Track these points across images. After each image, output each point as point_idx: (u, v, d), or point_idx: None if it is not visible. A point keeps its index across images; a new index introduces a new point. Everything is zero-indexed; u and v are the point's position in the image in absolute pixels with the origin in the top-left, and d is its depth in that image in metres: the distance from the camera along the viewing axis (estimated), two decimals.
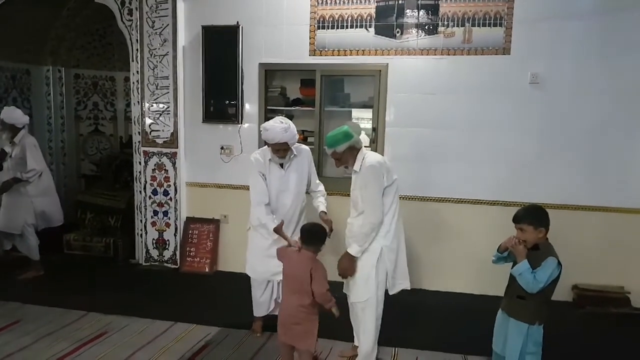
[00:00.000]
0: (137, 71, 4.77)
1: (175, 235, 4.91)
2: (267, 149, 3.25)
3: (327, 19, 4.39)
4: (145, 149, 4.85)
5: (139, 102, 4.81)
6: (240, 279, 4.51)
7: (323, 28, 4.41)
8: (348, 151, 2.90)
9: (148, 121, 4.80)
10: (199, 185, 4.90)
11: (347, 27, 4.37)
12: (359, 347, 3.04)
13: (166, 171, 4.84)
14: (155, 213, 4.92)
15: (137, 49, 4.74)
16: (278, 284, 3.37)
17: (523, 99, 4.15)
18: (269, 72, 4.65)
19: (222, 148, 4.76)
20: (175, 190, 4.84)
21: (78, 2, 5.78)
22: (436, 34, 4.24)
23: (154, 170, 4.86)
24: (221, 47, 4.54)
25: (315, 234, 2.73)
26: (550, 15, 4.04)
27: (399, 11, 4.26)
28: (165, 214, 4.90)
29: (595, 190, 4.14)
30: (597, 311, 3.98)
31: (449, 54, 4.23)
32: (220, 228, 4.90)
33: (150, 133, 4.82)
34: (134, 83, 4.83)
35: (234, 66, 4.53)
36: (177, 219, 4.88)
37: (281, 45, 4.52)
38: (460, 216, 4.38)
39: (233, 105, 4.60)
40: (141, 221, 4.97)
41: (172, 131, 4.76)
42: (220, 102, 4.64)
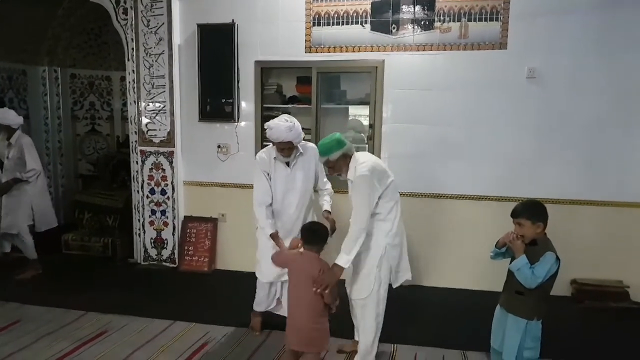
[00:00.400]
0: (133, 70, 4.76)
1: (174, 235, 4.90)
2: (273, 147, 3.20)
3: (322, 15, 4.38)
4: (142, 148, 4.84)
5: (135, 101, 4.79)
6: (239, 278, 4.57)
7: (319, 25, 4.40)
8: (342, 159, 2.87)
9: (144, 120, 4.79)
10: (196, 184, 4.90)
11: (342, 24, 4.35)
12: (359, 343, 3.03)
13: (163, 170, 4.83)
14: (153, 212, 4.91)
15: (133, 48, 4.73)
16: (281, 283, 3.36)
17: (520, 94, 4.15)
18: (265, 70, 4.64)
19: (219, 147, 4.75)
20: (173, 189, 4.83)
21: (73, 2, 5.78)
22: (432, 29, 4.22)
23: (151, 169, 4.85)
24: (217, 45, 4.53)
25: (316, 233, 2.67)
26: (547, 10, 4.03)
27: (394, 7, 4.24)
28: (163, 213, 4.89)
29: (593, 184, 4.14)
30: (595, 305, 3.99)
31: (445, 50, 4.22)
32: (218, 227, 4.89)
33: (147, 132, 4.80)
34: (129, 82, 4.82)
35: (229, 64, 4.51)
36: (174, 218, 4.87)
37: (277, 42, 4.51)
38: (458, 212, 4.37)
39: (229, 104, 4.59)
40: (139, 220, 4.96)
41: (168, 130, 4.75)
42: (216, 101, 4.63)
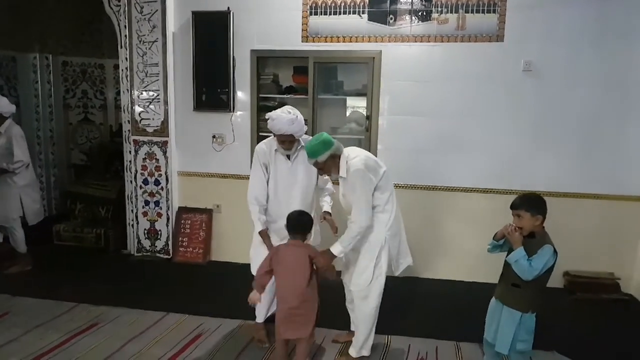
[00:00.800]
0: (126, 58, 4.67)
1: (167, 226, 4.86)
2: (274, 139, 3.09)
3: (319, 4, 4.32)
4: (136, 137, 4.78)
5: (128, 90, 4.71)
6: (233, 269, 4.54)
7: (316, 14, 4.35)
8: (330, 160, 2.82)
9: (138, 109, 4.72)
10: (190, 175, 4.85)
11: (340, 13, 4.30)
12: (355, 334, 3.04)
13: (157, 160, 4.77)
14: (147, 203, 4.86)
15: (126, 36, 4.64)
16: None
17: (517, 86, 4.13)
18: (261, 59, 4.58)
19: (213, 137, 4.70)
20: (167, 179, 4.78)
21: None
22: (430, 20, 4.19)
23: (144, 159, 4.79)
24: (212, 33, 4.46)
25: (300, 222, 2.74)
26: (544, 2, 4.01)
27: None
28: (157, 203, 4.84)
29: (587, 177, 4.15)
30: (587, 297, 4.02)
31: (442, 41, 4.19)
32: (213, 218, 4.86)
33: (140, 122, 4.74)
34: (122, 70, 4.73)
35: (225, 53, 4.45)
36: (168, 208, 4.83)
37: (273, 31, 4.45)
38: (454, 204, 4.37)
39: (224, 93, 4.53)
40: (132, 211, 4.91)
41: (162, 120, 4.69)
42: (211, 90, 4.57)
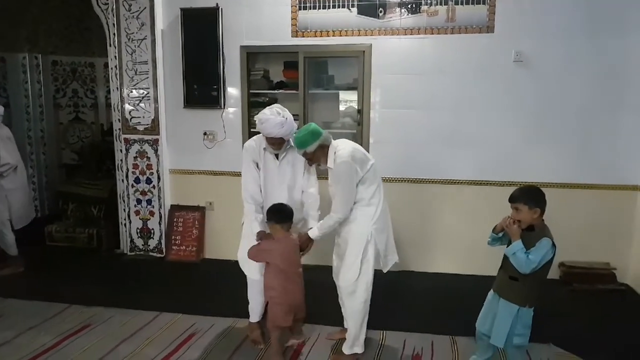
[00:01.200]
0: (115, 56, 4.63)
1: (160, 224, 4.82)
2: (263, 137, 3.01)
3: None
4: (126, 136, 4.73)
5: (117, 88, 4.67)
6: (227, 266, 4.49)
7: (305, 9, 4.31)
8: (319, 150, 2.82)
9: (128, 107, 4.68)
10: (182, 172, 4.81)
11: (329, 7, 4.26)
12: (347, 330, 3.03)
13: (148, 158, 4.73)
14: (139, 201, 4.82)
15: (114, 34, 4.59)
16: None
17: (507, 78, 4.10)
18: (251, 55, 4.54)
19: (205, 134, 4.66)
20: (158, 177, 4.75)
21: None
22: (419, 13, 4.15)
23: (135, 157, 4.75)
24: (201, 30, 4.41)
25: (283, 213, 2.83)
26: None
27: None
28: (149, 202, 4.81)
29: (582, 168, 4.14)
30: (583, 288, 4.01)
31: (432, 34, 4.15)
32: (206, 215, 4.82)
33: (131, 120, 4.69)
34: (112, 69, 4.68)
35: (214, 49, 4.40)
36: (161, 207, 4.79)
37: (263, 27, 4.40)
38: (448, 197, 4.35)
39: (215, 90, 4.49)
40: (124, 210, 4.87)
41: (152, 117, 4.65)
42: (201, 87, 4.53)
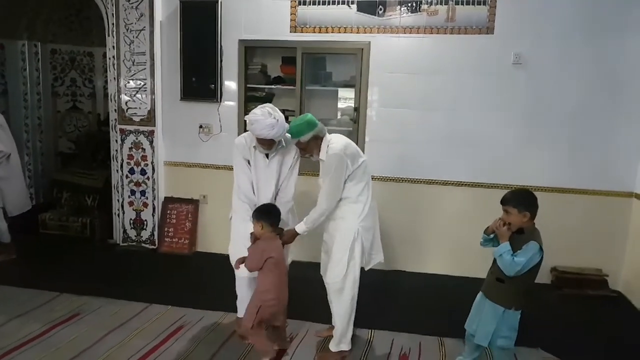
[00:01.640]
0: (113, 46, 4.61)
1: (153, 216, 4.82)
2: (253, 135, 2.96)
3: None
4: (122, 126, 4.72)
5: (115, 78, 4.66)
6: (219, 260, 4.48)
7: (304, 4, 4.29)
8: (313, 140, 2.83)
9: (124, 98, 4.66)
10: (177, 165, 4.80)
11: (328, 4, 4.25)
12: (334, 327, 3.03)
13: (143, 150, 4.72)
14: (133, 192, 4.82)
15: (113, 24, 4.57)
16: None
17: (506, 79, 4.09)
18: (249, 49, 4.53)
19: (200, 127, 4.65)
20: (153, 169, 4.74)
21: None
22: (419, 11, 4.14)
23: (130, 148, 4.74)
24: (200, 22, 4.39)
25: (271, 213, 2.79)
26: None
27: None
28: (143, 193, 4.80)
29: (576, 173, 4.13)
30: (575, 293, 4.01)
31: (432, 33, 4.14)
32: (200, 208, 4.82)
33: (127, 110, 4.68)
34: (110, 59, 4.67)
35: (212, 42, 4.39)
36: (154, 198, 4.79)
37: (261, 21, 4.39)
38: (441, 198, 4.34)
39: (212, 83, 4.48)
40: (118, 201, 4.87)
41: (149, 109, 4.64)
42: (198, 80, 4.51)
